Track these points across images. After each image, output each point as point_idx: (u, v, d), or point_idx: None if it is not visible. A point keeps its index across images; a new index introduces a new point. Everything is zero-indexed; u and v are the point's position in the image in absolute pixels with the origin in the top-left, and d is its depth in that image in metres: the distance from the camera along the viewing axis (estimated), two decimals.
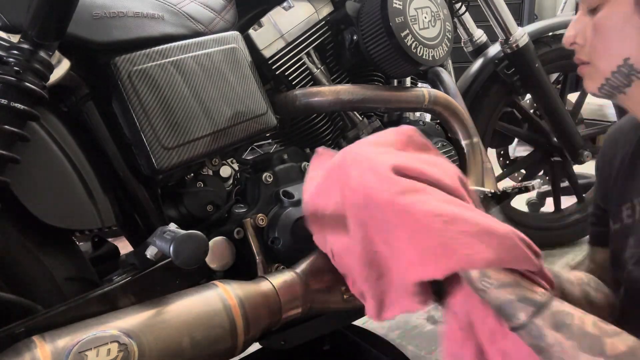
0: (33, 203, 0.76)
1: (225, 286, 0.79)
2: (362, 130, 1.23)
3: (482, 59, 1.64)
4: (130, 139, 0.91)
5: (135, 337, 0.69)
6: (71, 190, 0.80)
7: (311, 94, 1.11)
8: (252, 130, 1.03)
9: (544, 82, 1.59)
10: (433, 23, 1.17)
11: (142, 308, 0.74)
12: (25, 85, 0.71)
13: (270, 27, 1.11)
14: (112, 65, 0.87)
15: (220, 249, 0.96)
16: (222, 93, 0.99)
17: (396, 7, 1.10)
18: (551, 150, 1.78)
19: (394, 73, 1.18)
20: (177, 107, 0.92)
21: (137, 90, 0.88)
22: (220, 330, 0.75)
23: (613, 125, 0.86)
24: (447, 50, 1.20)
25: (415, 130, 0.81)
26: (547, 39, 1.67)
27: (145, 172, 0.91)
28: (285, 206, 1.01)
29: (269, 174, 1.04)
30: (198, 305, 0.76)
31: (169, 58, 0.93)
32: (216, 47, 1.00)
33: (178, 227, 0.77)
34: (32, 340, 0.65)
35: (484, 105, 1.63)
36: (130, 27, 0.90)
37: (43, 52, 0.74)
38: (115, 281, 0.80)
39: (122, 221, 0.92)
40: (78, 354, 0.64)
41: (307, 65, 1.16)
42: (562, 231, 1.89)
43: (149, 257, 0.77)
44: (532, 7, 3.15)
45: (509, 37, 1.53)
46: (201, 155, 0.95)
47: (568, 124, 1.67)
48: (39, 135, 0.78)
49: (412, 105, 1.20)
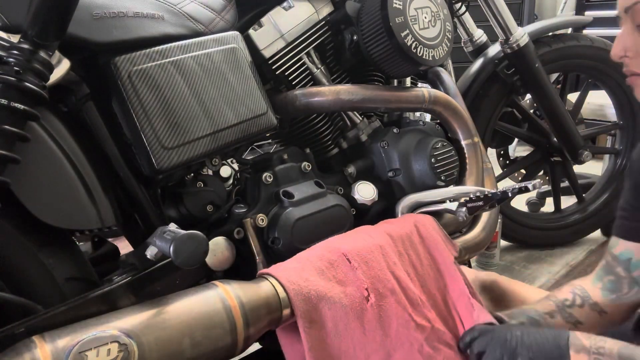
0: (33, 203, 0.76)
1: (225, 286, 0.79)
2: (362, 130, 1.23)
3: (482, 59, 1.64)
4: (130, 139, 0.91)
5: (135, 337, 0.69)
6: (71, 190, 0.80)
7: (311, 94, 1.11)
8: (252, 130, 1.03)
9: (544, 82, 1.59)
10: (433, 23, 1.17)
11: (142, 308, 0.74)
12: (25, 85, 0.71)
13: (270, 27, 1.11)
14: (112, 65, 0.87)
15: (220, 249, 0.96)
16: (222, 93, 0.99)
17: (396, 7, 1.10)
18: (551, 150, 1.78)
19: (394, 73, 1.18)
20: (177, 107, 0.92)
21: (137, 90, 0.88)
22: (220, 330, 0.75)
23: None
24: (447, 50, 1.20)
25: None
26: (547, 39, 1.67)
27: (145, 172, 0.91)
28: (285, 206, 1.01)
29: (269, 174, 1.04)
30: (198, 305, 0.76)
31: (169, 58, 0.93)
32: (216, 47, 1.00)
33: (178, 227, 0.77)
34: (32, 340, 0.65)
35: (484, 105, 1.63)
36: (130, 27, 0.90)
37: (43, 52, 0.74)
38: (115, 281, 0.80)
39: (122, 221, 0.92)
40: (78, 354, 0.64)
41: (307, 65, 1.16)
42: (562, 231, 1.89)
43: (149, 257, 0.77)
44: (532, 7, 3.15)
45: (509, 37, 1.53)
46: (201, 155, 0.95)
47: (568, 124, 1.67)
48: (39, 135, 0.78)
49: (412, 105, 1.20)
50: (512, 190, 0.99)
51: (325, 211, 1.03)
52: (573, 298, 0.92)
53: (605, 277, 0.91)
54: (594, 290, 0.91)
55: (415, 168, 1.18)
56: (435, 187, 1.18)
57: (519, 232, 1.84)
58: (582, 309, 0.91)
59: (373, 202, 1.14)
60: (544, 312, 0.93)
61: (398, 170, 1.19)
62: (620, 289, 0.89)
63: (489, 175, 1.31)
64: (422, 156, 1.18)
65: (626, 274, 0.88)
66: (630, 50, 0.77)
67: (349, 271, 0.88)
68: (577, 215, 1.89)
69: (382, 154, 1.20)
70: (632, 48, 0.77)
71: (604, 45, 1.69)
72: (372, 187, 1.14)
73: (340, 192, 1.14)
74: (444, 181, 1.18)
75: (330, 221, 1.04)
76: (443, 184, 1.18)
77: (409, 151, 1.19)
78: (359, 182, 1.15)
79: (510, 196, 1.00)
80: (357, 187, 1.13)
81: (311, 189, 1.06)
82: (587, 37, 1.72)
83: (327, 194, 1.07)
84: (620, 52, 0.79)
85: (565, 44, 1.67)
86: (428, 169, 1.17)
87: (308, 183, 1.07)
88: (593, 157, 1.73)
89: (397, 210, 1.14)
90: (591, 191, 1.96)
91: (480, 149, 1.29)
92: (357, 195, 1.12)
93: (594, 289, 0.92)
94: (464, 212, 1.05)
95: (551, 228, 1.89)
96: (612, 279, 0.89)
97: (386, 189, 1.19)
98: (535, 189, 0.97)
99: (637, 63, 0.77)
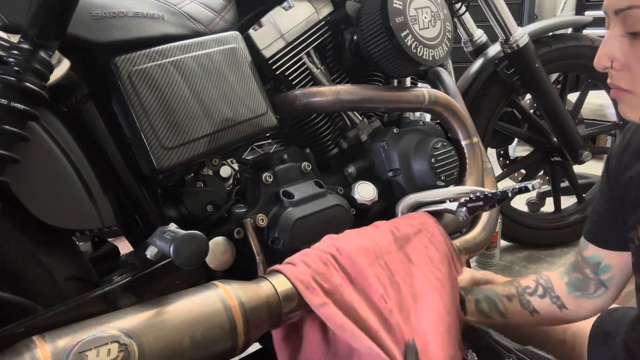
0: (33, 203, 0.76)
1: (225, 286, 0.79)
2: (362, 130, 1.23)
3: (482, 59, 1.64)
4: (130, 139, 0.91)
5: (135, 337, 0.69)
6: (71, 190, 0.80)
7: (311, 94, 1.11)
8: (252, 130, 1.03)
9: (544, 82, 1.59)
10: (433, 23, 1.17)
11: (142, 308, 0.74)
12: (25, 85, 0.71)
13: (270, 27, 1.11)
14: (112, 65, 0.87)
15: (220, 249, 0.96)
16: (222, 93, 0.99)
17: (396, 7, 1.10)
18: (551, 150, 1.78)
19: (394, 73, 1.18)
20: (177, 107, 0.92)
21: (137, 90, 0.88)
22: (220, 330, 0.75)
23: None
24: (447, 50, 1.20)
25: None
26: (547, 39, 1.67)
27: (145, 172, 0.91)
28: (285, 206, 1.01)
29: (269, 174, 1.04)
30: (198, 305, 0.76)
31: (169, 58, 0.93)
32: (216, 47, 1.00)
33: (178, 227, 0.77)
34: (32, 340, 0.65)
35: (484, 105, 1.63)
36: (130, 27, 0.90)
37: (43, 52, 0.74)
38: (115, 281, 0.80)
39: (122, 221, 0.92)
40: (78, 354, 0.64)
41: (307, 65, 1.16)
42: (562, 231, 1.89)
43: (149, 257, 0.77)
44: (532, 7, 3.15)
45: (509, 37, 1.53)
46: (201, 155, 0.95)
47: (568, 124, 1.67)
48: (39, 135, 0.78)
49: (412, 105, 1.20)
50: (512, 190, 0.99)
51: (325, 211, 1.03)
52: (535, 287, 0.93)
53: (573, 273, 0.90)
54: (559, 284, 0.91)
55: (415, 168, 1.18)
56: (435, 187, 1.18)
57: (519, 232, 1.84)
58: (542, 299, 0.92)
59: (373, 202, 1.14)
60: (503, 294, 0.95)
61: (398, 170, 1.19)
62: (587, 288, 0.88)
63: (489, 175, 1.31)
64: (422, 156, 1.18)
65: (594, 275, 0.87)
66: (617, 61, 0.66)
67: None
68: (577, 215, 1.89)
69: (382, 154, 1.20)
70: (620, 58, 0.65)
71: None
72: (372, 187, 1.14)
73: (340, 192, 1.14)
74: (444, 181, 1.18)
75: (330, 221, 1.04)
76: (443, 184, 1.18)
77: (409, 151, 1.19)
78: (359, 182, 1.15)
79: (510, 196, 1.00)
80: (357, 187, 1.13)
81: (311, 189, 1.06)
82: (587, 37, 1.72)
83: (327, 194, 1.07)
84: (605, 61, 0.67)
85: (565, 44, 1.67)
86: (428, 169, 1.17)
87: (308, 183, 1.07)
88: (593, 157, 1.73)
89: (397, 210, 1.15)
90: (591, 191, 1.96)
91: (480, 149, 1.29)
92: (357, 195, 1.12)
93: (559, 283, 0.91)
94: (464, 212, 1.05)
95: (551, 228, 1.88)
96: (579, 277, 0.89)
97: (386, 189, 1.19)
98: (535, 189, 0.97)
99: (624, 77, 0.66)
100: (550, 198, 1.93)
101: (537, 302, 0.92)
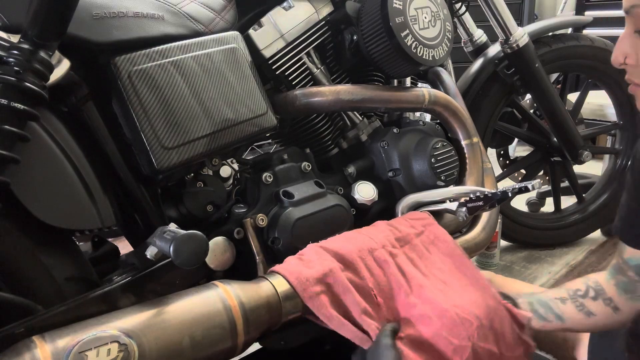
0: (33, 203, 0.76)
1: (225, 286, 0.79)
2: (362, 130, 1.23)
3: (482, 59, 1.64)
4: (130, 139, 0.91)
5: (135, 337, 0.69)
6: (71, 190, 0.80)
7: (311, 94, 1.11)
8: (252, 130, 1.03)
9: (544, 82, 1.59)
10: (433, 23, 1.17)
11: (142, 308, 0.74)
12: (25, 85, 0.71)
13: (270, 27, 1.11)
14: (112, 65, 0.87)
15: (220, 249, 0.96)
16: (222, 93, 0.99)
17: (396, 7, 1.10)
18: (551, 150, 1.78)
19: (394, 73, 1.18)
20: (177, 107, 0.92)
21: (137, 90, 0.88)
22: (220, 330, 0.75)
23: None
24: (447, 50, 1.20)
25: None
26: (547, 39, 1.67)
27: (145, 172, 0.91)
28: (285, 206, 1.01)
29: (269, 174, 1.04)
30: (198, 305, 0.76)
31: (169, 58, 0.93)
32: (216, 47, 1.00)
33: (178, 227, 0.77)
34: (32, 340, 0.65)
35: (484, 105, 1.63)
36: (130, 27, 0.90)
37: (43, 52, 0.74)
38: (115, 281, 0.80)
39: (122, 221, 0.92)
40: (78, 354, 0.64)
41: (307, 65, 1.16)
42: (562, 231, 1.89)
43: (149, 257, 0.78)
44: (532, 7, 3.15)
45: (509, 37, 1.53)
46: (201, 155, 0.95)
47: (568, 124, 1.67)
48: (39, 135, 0.78)
49: (412, 105, 1.20)
50: (512, 190, 0.99)
51: (325, 211, 1.03)
52: (586, 289, 0.89)
53: (617, 275, 0.87)
54: (608, 286, 0.88)
55: (415, 168, 1.18)
56: (435, 187, 1.18)
57: (519, 232, 1.84)
58: (595, 301, 0.88)
59: (373, 202, 1.14)
60: (555, 296, 0.90)
61: (398, 170, 1.19)
62: (634, 290, 0.85)
63: (489, 175, 1.31)
64: (422, 156, 1.18)
65: (639, 277, 0.84)
66: (630, 57, 0.72)
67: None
68: (577, 215, 1.89)
69: (382, 154, 1.20)
70: (632, 54, 0.71)
71: (604, 45, 1.69)
72: (372, 187, 1.14)
73: (340, 192, 1.14)
74: (444, 181, 1.18)
75: (330, 221, 1.04)
76: (443, 184, 1.18)
77: (409, 151, 1.19)
78: (359, 182, 1.15)
79: (510, 196, 1.00)
80: (357, 187, 1.13)
81: (311, 189, 1.06)
82: (587, 37, 1.72)
83: (327, 194, 1.07)
84: (619, 57, 0.73)
85: (565, 44, 1.67)
86: (428, 169, 1.17)
87: (308, 183, 1.07)
88: (593, 157, 1.73)
89: (397, 210, 1.14)
90: (591, 191, 1.96)
91: (480, 149, 1.29)
92: (357, 195, 1.12)
93: (608, 285, 0.88)
94: (464, 212, 1.05)
95: (551, 228, 1.89)
96: (624, 280, 0.86)
97: (386, 189, 1.19)
98: (535, 189, 0.97)
99: (637, 73, 0.72)
100: (550, 198, 1.93)
101: (590, 305, 0.88)
